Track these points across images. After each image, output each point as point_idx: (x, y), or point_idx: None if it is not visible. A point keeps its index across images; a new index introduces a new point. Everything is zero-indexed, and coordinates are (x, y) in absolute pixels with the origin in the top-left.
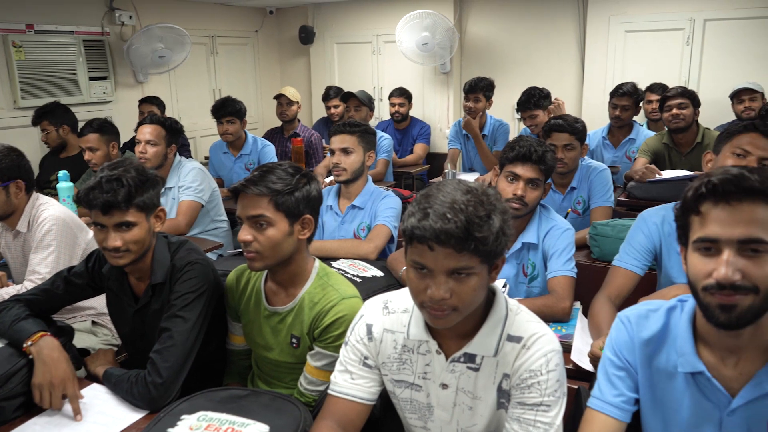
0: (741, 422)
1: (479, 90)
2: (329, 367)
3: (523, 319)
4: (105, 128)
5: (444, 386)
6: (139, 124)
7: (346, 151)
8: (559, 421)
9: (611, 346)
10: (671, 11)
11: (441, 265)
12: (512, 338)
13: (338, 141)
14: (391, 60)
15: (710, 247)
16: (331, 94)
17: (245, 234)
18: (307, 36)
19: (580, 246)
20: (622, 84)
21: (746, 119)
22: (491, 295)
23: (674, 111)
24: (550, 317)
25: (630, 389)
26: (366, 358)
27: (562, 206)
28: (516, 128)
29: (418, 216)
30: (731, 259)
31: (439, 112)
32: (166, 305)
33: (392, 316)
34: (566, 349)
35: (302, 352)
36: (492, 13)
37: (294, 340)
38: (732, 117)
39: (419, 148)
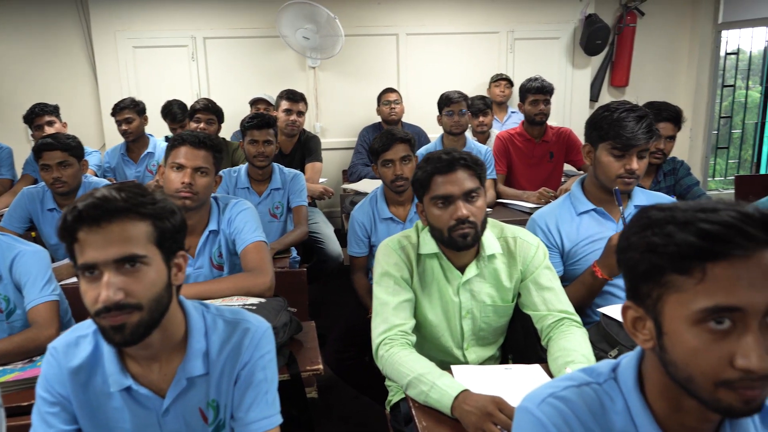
0: (177, 417)
1: None
2: None
3: None
4: None
5: None
6: None
7: None
8: None
9: (43, 383)
10: (174, 29)
11: None
12: None
13: None
14: None
15: (93, 271)
16: None
17: None
18: None
19: None
20: (118, 102)
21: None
22: None
23: (202, 125)
24: (34, 351)
25: (66, 422)
26: None
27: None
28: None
29: None
30: (111, 280)
31: None
32: None
33: None
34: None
35: None
36: None
37: None
38: None
39: None
